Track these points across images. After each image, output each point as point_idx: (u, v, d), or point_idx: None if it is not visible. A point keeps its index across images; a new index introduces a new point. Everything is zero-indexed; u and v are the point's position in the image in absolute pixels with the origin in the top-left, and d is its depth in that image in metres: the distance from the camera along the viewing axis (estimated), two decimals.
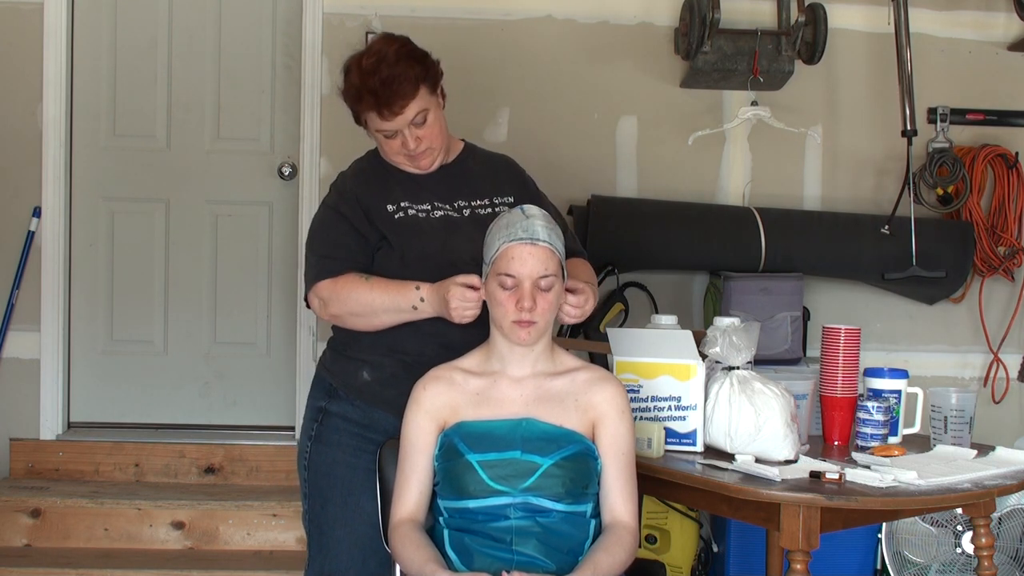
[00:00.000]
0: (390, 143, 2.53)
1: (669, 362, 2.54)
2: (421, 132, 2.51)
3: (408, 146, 2.51)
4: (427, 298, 2.40)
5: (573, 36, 4.23)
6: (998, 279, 4.27)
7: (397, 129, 2.49)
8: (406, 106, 2.46)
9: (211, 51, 4.28)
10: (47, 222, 4.14)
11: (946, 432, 2.66)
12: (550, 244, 2.25)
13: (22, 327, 4.14)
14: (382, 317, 2.46)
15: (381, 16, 4.17)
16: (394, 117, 2.46)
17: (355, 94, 2.48)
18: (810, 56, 4.04)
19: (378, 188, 2.56)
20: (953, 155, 4.12)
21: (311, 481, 2.58)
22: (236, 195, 4.31)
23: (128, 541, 3.84)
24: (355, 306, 2.46)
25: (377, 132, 2.52)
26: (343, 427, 2.55)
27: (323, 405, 2.59)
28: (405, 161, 2.56)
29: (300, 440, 2.64)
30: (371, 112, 2.48)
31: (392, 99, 2.44)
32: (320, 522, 2.55)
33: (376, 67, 2.44)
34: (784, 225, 4.06)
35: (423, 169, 2.57)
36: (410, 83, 2.45)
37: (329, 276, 2.48)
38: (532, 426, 2.23)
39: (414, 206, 2.54)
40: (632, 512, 2.25)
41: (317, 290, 2.50)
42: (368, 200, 2.54)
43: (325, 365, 2.64)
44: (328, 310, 2.49)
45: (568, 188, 4.13)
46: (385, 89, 2.43)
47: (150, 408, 4.30)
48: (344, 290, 2.46)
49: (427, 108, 2.50)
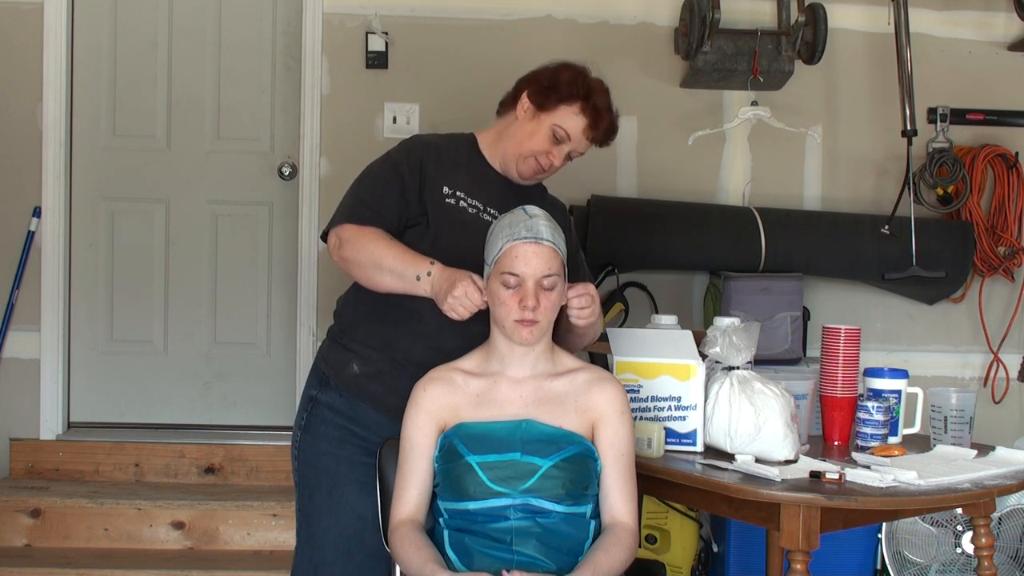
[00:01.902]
0: (548, 144, 2.55)
1: (669, 362, 2.54)
2: (566, 161, 2.61)
3: (555, 160, 2.57)
4: (435, 274, 2.37)
5: (573, 36, 4.22)
6: (998, 279, 4.27)
7: (571, 142, 2.56)
8: (597, 143, 2.60)
9: (211, 51, 4.28)
10: (47, 222, 4.14)
11: (946, 432, 2.66)
12: (553, 244, 2.25)
13: (22, 327, 4.14)
14: (386, 277, 2.42)
15: (381, 16, 4.17)
16: (589, 141, 2.57)
17: (585, 94, 2.54)
18: (810, 56, 4.03)
19: (446, 166, 2.55)
20: (953, 155, 4.12)
21: (300, 471, 2.57)
22: (236, 195, 4.31)
23: (128, 541, 3.84)
24: (366, 256, 2.43)
25: (557, 127, 2.54)
26: (329, 417, 2.54)
27: (314, 394, 2.58)
28: (528, 162, 2.57)
29: (293, 431, 2.63)
30: (584, 119, 2.54)
31: (606, 134, 2.60)
32: (308, 512, 2.54)
33: (607, 99, 2.59)
34: (784, 225, 4.06)
35: (524, 179, 2.61)
36: (610, 137, 2.64)
37: (358, 222, 2.46)
38: (532, 427, 2.23)
39: (468, 198, 2.54)
40: (632, 513, 2.25)
41: (340, 230, 2.47)
42: (430, 171, 2.53)
43: (322, 353, 2.63)
44: (341, 251, 2.47)
45: (568, 188, 4.08)
46: (609, 121, 2.59)
47: (150, 408, 4.30)
48: (365, 238, 2.44)
49: (583, 155, 2.63)
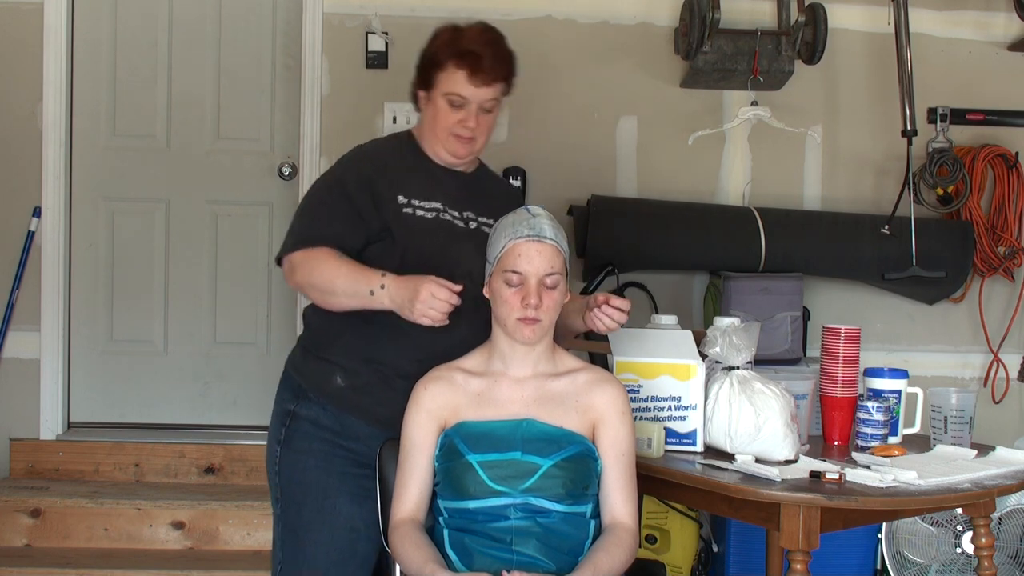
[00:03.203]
0: (451, 114, 2.45)
1: (669, 362, 2.53)
2: (483, 119, 2.47)
3: (468, 123, 2.45)
4: (389, 286, 2.31)
5: (573, 36, 4.22)
6: (998, 279, 4.27)
7: (470, 100, 2.44)
8: (496, 81, 2.45)
9: (211, 51, 4.28)
10: (47, 222, 4.13)
11: (946, 432, 2.66)
12: (556, 242, 2.25)
13: (22, 327, 4.14)
14: (340, 298, 2.38)
15: (381, 16, 4.17)
16: (482, 86, 2.43)
17: (453, 49, 2.43)
18: (810, 56, 4.03)
19: (394, 175, 2.48)
20: (953, 155, 4.12)
21: (283, 487, 2.50)
22: (236, 195, 4.31)
23: (128, 541, 3.84)
24: (317, 279, 2.39)
25: (447, 95, 2.44)
26: (313, 432, 2.47)
27: (292, 408, 2.50)
28: (450, 141, 2.49)
29: (269, 444, 2.54)
30: (461, 71, 2.42)
31: (493, 66, 2.44)
32: (295, 527, 2.48)
33: (485, 35, 2.46)
34: (784, 225, 4.06)
35: (459, 158, 2.51)
36: (508, 65, 2.48)
37: (307, 246, 2.41)
38: (532, 427, 2.23)
39: (424, 204, 2.47)
40: (632, 513, 2.25)
41: (291, 256, 2.43)
42: (381, 186, 2.45)
43: (295, 364, 2.56)
44: (294, 277, 2.43)
45: (568, 188, 4.14)
46: (489, 53, 2.43)
47: (150, 408, 4.30)
48: (314, 260, 2.39)
49: (498, 99, 2.49)
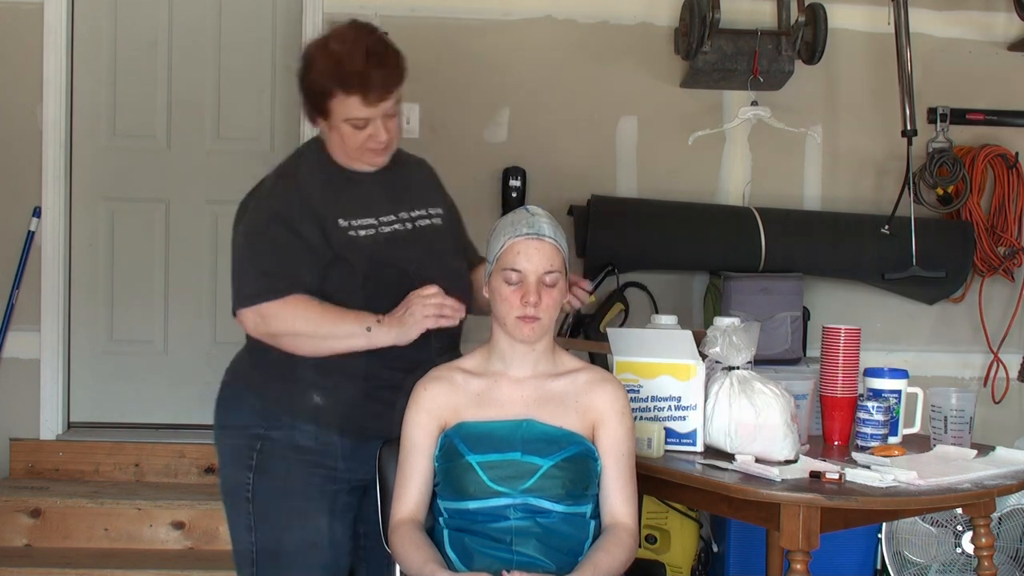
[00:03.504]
0: (357, 135, 2.35)
1: (669, 362, 2.53)
2: (390, 124, 2.38)
3: (380, 138, 2.36)
4: (384, 321, 2.31)
5: (573, 36, 4.23)
6: (998, 279, 4.27)
7: (372, 118, 2.33)
8: (391, 92, 2.32)
9: (211, 51, 4.28)
10: (47, 222, 4.13)
11: (946, 432, 2.66)
12: (555, 241, 2.25)
13: (22, 327, 4.14)
14: (332, 341, 2.32)
15: (381, 16, 4.16)
16: (379, 103, 2.31)
17: (337, 77, 2.29)
18: (810, 56, 4.03)
19: (331, 198, 2.39)
20: (953, 155, 4.12)
21: (258, 513, 2.40)
22: (236, 195, 4.25)
23: (128, 541, 3.83)
24: (303, 326, 2.31)
25: (346, 122, 2.33)
26: (291, 457, 2.38)
27: (261, 432, 2.39)
28: (364, 156, 2.40)
29: (232, 471, 2.43)
30: (353, 97, 2.29)
31: (386, 83, 2.31)
32: (276, 551, 2.40)
33: (363, 49, 2.30)
34: (784, 225, 4.06)
35: (377, 166, 2.42)
36: (398, 71, 2.35)
37: (276, 296, 2.32)
38: (532, 427, 2.23)
39: (365, 220, 2.39)
40: (632, 513, 2.25)
41: (261, 308, 2.33)
42: (323, 212, 2.36)
43: (250, 384, 2.46)
44: (268, 328, 2.34)
45: (568, 188, 4.13)
46: (378, 72, 2.30)
47: (150, 408, 4.30)
48: (291, 309, 2.32)
49: (399, 99, 2.37)
